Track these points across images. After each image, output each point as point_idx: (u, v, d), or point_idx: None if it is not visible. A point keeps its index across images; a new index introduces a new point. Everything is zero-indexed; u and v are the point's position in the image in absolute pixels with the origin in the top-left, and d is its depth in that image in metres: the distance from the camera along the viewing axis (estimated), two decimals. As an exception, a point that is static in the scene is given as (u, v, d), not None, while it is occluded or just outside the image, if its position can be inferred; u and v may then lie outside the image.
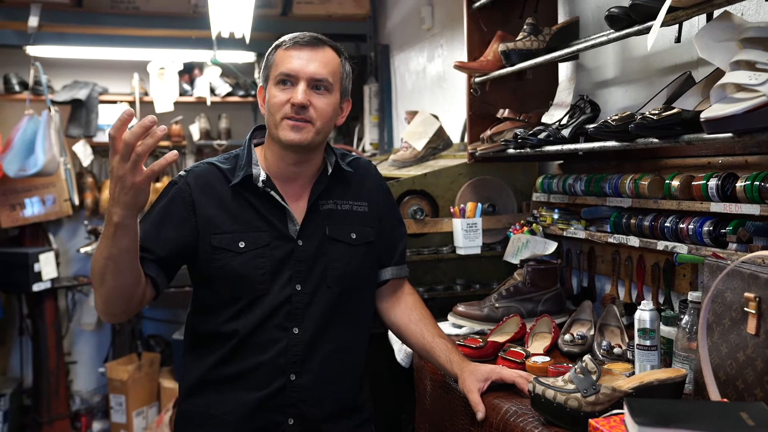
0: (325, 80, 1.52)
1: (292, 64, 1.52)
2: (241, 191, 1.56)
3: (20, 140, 3.90)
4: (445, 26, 3.47)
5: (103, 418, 4.46)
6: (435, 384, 1.75)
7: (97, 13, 4.19)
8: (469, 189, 2.39)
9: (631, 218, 1.80)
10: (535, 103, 2.31)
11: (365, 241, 1.63)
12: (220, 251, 1.52)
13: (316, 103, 1.52)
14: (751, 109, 1.22)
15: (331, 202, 1.61)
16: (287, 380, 1.52)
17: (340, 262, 1.58)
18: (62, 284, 4.33)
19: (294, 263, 1.54)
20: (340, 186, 1.64)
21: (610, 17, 1.60)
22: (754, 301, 1.14)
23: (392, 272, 1.70)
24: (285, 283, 1.53)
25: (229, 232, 1.53)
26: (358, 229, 1.62)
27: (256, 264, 1.52)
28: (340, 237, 1.60)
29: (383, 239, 1.68)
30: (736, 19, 1.39)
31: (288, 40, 1.56)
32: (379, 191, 1.71)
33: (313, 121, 1.51)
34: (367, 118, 4.39)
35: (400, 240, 1.73)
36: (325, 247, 1.57)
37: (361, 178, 1.68)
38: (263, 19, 4.12)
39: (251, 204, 1.56)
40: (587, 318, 1.90)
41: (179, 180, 1.59)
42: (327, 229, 1.58)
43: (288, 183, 1.59)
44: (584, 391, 1.23)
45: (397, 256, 1.72)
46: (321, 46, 1.56)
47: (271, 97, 1.54)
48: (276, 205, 1.56)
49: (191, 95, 4.82)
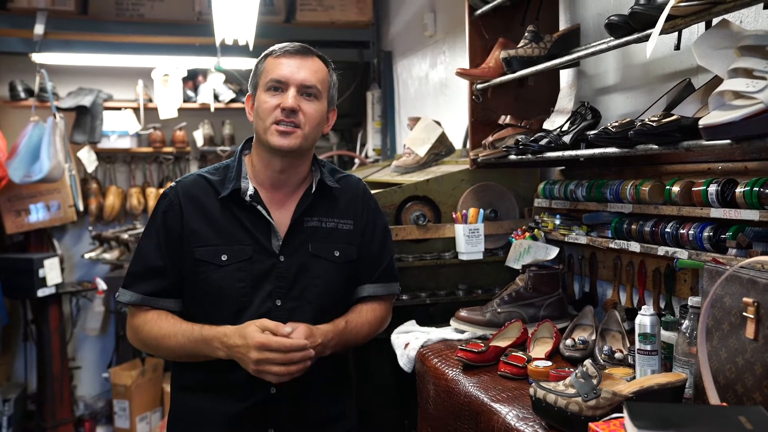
0: (314, 87, 1.56)
1: (283, 70, 1.56)
2: (228, 204, 1.59)
3: (25, 147, 3.93)
4: (447, 33, 3.49)
5: (106, 423, 4.47)
6: (438, 388, 1.75)
7: (102, 21, 4.23)
8: (471, 195, 2.41)
9: (632, 224, 1.81)
10: (537, 110, 2.33)
11: (348, 260, 1.65)
12: (202, 264, 1.56)
13: (305, 108, 1.55)
14: (749, 116, 1.23)
15: (316, 220, 1.63)
16: (267, 393, 1.55)
17: (322, 279, 1.60)
18: (66, 290, 4.35)
19: (275, 278, 1.57)
20: (326, 203, 1.65)
21: (610, 25, 1.62)
22: (752, 306, 1.15)
23: (371, 290, 1.70)
24: (265, 297, 1.56)
25: (212, 245, 1.56)
26: (341, 247, 1.64)
27: (237, 277, 1.55)
28: (323, 254, 1.61)
29: (366, 256, 1.69)
30: (734, 27, 1.41)
31: (278, 49, 1.60)
32: (367, 210, 1.71)
33: (302, 126, 1.55)
34: (370, 124, 4.41)
35: (384, 258, 1.73)
36: (307, 264, 1.59)
37: (349, 196, 1.69)
38: (267, 26, 4.14)
39: (237, 217, 1.58)
40: (589, 323, 1.90)
41: (170, 192, 1.63)
42: (310, 246, 1.60)
43: (273, 191, 1.62)
44: (585, 396, 1.24)
45: (379, 273, 1.71)
46: (310, 55, 1.60)
47: (261, 102, 1.57)
48: (261, 219, 1.58)
49: (195, 102, 4.85)
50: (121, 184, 4.91)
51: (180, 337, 1.52)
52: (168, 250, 1.57)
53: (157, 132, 4.81)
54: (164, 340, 1.54)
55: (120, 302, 1.61)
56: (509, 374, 1.63)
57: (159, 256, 1.57)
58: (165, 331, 1.54)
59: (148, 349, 1.65)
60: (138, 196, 4.81)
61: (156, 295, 1.57)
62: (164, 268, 1.57)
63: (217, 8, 3.58)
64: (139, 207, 4.83)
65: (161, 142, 4.82)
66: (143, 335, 1.58)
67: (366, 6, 4.45)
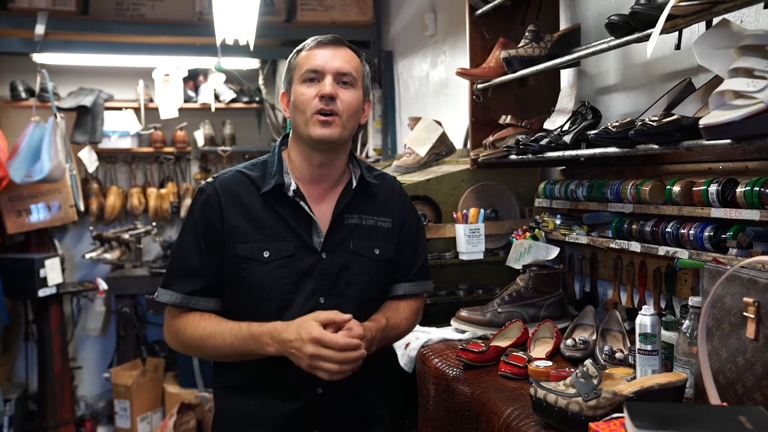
0: (349, 74, 1.55)
1: (317, 60, 1.54)
2: (269, 200, 1.56)
3: (26, 147, 3.93)
4: (448, 33, 3.49)
5: (107, 423, 4.48)
6: (438, 389, 1.75)
7: (103, 21, 4.23)
8: (471, 195, 2.41)
9: (632, 224, 1.81)
10: (537, 110, 2.33)
11: (387, 258, 1.63)
12: (245, 261, 1.53)
13: (342, 96, 1.53)
14: (749, 115, 1.23)
15: (356, 217, 1.61)
16: (314, 393, 1.53)
17: (363, 276, 1.58)
18: (67, 290, 4.35)
19: (318, 276, 1.54)
20: (366, 200, 1.63)
21: (610, 25, 1.62)
22: (752, 305, 1.15)
23: (406, 288, 1.69)
24: (309, 295, 1.53)
25: (254, 241, 1.53)
26: (381, 245, 1.62)
27: (280, 274, 1.52)
28: (364, 252, 1.59)
29: (403, 254, 1.67)
30: (735, 27, 1.41)
31: (310, 42, 1.59)
32: (404, 208, 1.70)
33: (340, 113, 1.53)
34: (371, 124, 4.41)
35: (419, 256, 1.72)
36: (349, 262, 1.57)
37: (386, 194, 1.68)
38: (267, 26, 4.15)
39: (278, 213, 1.56)
40: (589, 323, 1.90)
41: (207, 187, 1.59)
42: (351, 244, 1.58)
43: (312, 186, 1.60)
44: (585, 396, 1.24)
45: (414, 271, 1.70)
46: (342, 45, 1.59)
47: (299, 95, 1.55)
48: (303, 215, 1.56)
49: (196, 102, 4.85)
50: (121, 184, 4.92)
51: (227, 335, 1.49)
52: (207, 246, 1.54)
53: (157, 132, 4.82)
54: (209, 340, 1.50)
55: (160, 302, 1.55)
56: (510, 374, 1.63)
57: (198, 253, 1.54)
58: (209, 330, 1.50)
59: (190, 350, 1.60)
60: (139, 196, 4.82)
61: (197, 294, 1.54)
62: (204, 265, 1.53)
63: (218, 8, 3.59)
64: (140, 207, 4.83)
65: (162, 142, 4.83)
66: (185, 337, 1.54)
67: (366, 6, 4.46)
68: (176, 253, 1.58)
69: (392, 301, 1.68)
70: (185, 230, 1.58)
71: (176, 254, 1.58)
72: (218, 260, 1.54)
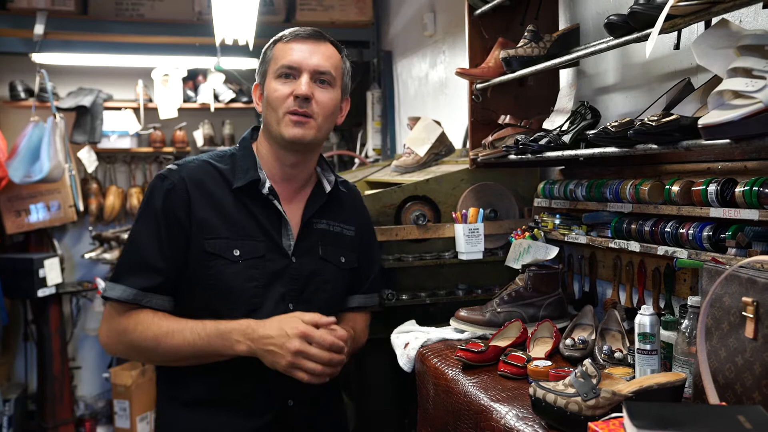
0: (328, 73, 1.46)
1: (294, 56, 1.45)
2: (240, 196, 1.46)
3: (26, 147, 3.93)
4: (447, 33, 3.49)
5: (107, 423, 4.48)
6: (438, 388, 1.76)
7: (102, 21, 4.23)
8: (471, 194, 2.41)
9: (631, 223, 1.81)
10: (536, 109, 2.33)
11: (351, 266, 1.57)
12: (213, 257, 1.41)
13: (318, 97, 1.44)
14: (748, 115, 1.23)
15: (324, 222, 1.54)
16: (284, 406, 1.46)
17: (330, 284, 1.53)
18: (67, 290, 4.35)
19: (288, 280, 1.46)
20: (334, 206, 1.56)
21: (610, 25, 1.62)
22: (751, 305, 1.15)
23: (360, 300, 1.65)
24: (279, 299, 1.45)
25: (223, 238, 1.42)
26: (346, 253, 1.57)
27: (250, 275, 1.42)
28: (331, 259, 1.53)
29: (362, 266, 1.63)
30: (734, 27, 1.41)
31: (288, 34, 1.49)
32: (363, 218, 1.67)
33: (315, 116, 1.43)
34: (370, 123, 4.41)
35: (375, 269, 1.67)
36: (318, 268, 1.50)
37: (351, 201, 1.63)
38: (267, 26, 4.14)
39: (250, 210, 1.46)
40: (588, 323, 1.90)
41: (172, 175, 1.45)
42: (320, 250, 1.52)
43: (282, 185, 1.51)
44: (584, 395, 1.24)
45: (368, 284, 1.66)
46: (322, 40, 1.49)
47: (272, 91, 1.44)
48: (275, 215, 1.47)
49: (195, 102, 4.85)
50: (121, 184, 4.91)
51: (187, 333, 1.36)
52: (169, 238, 1.41)
53: (157, 132, 4.82)
54: (166, 339, 1.36)
55: (107, 299, 1.39)
56: (509, 374, 1.63)
57: (157, 246, 1.40)
58: (166, 328, 1.37)
59: (136, 352, 1.43)
60: (138, 196, 4.82)
61: (151, 291, 1.40)
62: (163, 259, 1.40)
63: (217, 8, 3.59)
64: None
65: (161, 142, 4.83)
66: (134, 336, 1.39)
67: (366, 6, 4.46)
68: (131, 245, 1.44)
69: (349, 313, 1.62)
70: (142, 220, 1.44)
71: (131, 246, 1.44)
72: (180, 255, 1.41)
